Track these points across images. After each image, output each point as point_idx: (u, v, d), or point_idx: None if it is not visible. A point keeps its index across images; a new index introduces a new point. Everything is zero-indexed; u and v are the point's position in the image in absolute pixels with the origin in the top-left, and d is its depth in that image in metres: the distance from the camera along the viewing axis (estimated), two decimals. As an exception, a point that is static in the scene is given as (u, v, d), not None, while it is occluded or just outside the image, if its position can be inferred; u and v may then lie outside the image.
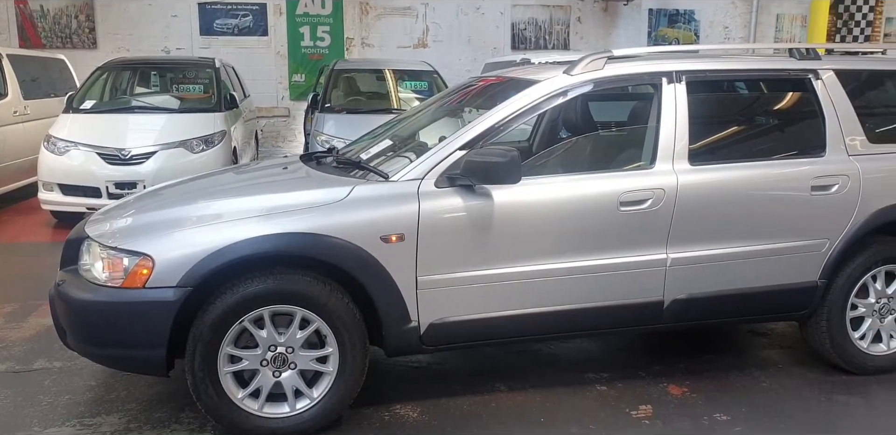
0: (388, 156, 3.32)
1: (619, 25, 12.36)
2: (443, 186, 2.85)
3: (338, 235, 2.71)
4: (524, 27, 11.98)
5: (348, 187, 2.84)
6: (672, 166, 3.04)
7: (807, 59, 3.34)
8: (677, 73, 3.13)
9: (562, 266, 2.94)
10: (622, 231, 2.99)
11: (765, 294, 3.19)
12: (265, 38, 11.19)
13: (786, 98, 3.44)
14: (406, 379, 3.41)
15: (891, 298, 3.37)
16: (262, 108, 11.01)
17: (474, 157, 2.79)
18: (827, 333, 3.31)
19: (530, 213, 2.91)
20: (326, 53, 11.25)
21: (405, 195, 2.82)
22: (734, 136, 3.39)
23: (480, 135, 2.93)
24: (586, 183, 2.98)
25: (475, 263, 2.86)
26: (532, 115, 3.06)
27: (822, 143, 3.23)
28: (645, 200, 2.98)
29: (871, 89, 3.47)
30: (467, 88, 3.81)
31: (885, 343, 3.39)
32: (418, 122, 3.75)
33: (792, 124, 3.44)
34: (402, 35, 11.54)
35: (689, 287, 3.10)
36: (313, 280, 2.75)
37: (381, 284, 2.78)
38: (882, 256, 3.29)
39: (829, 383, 3.34)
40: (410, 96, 8.40)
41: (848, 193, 3.19)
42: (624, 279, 3.02)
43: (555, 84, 3.03)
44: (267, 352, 2.74)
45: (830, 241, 3.21)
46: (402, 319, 2.84)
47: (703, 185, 3.05)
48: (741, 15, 12.89)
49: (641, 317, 3.11)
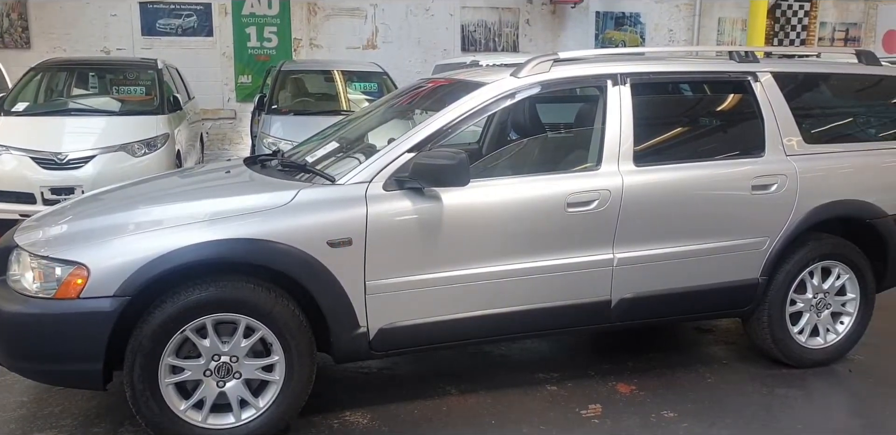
0: (335, 158, 3.28)
1: (567, 28, 12.52)
2: (391, 189, 2.82)
3: (283, 240, 2.66)
4: (474, 29, 12.02)
5: (293, 191, 2.79)
6: (617, 167, 3.08)
7: (746, 61, 3.43)
8: (622, 75, 3.17)
9: (511, 268, 2.94)
10: (570, 232, 3.01)
11: (709, 292, 3.26)
12: (210, 39, 10.95)
13: (726, 100, 3.51)
14: (355, 385, 3.36)
15: (826, 293, 3.48)
16: (208, 110, 10.78)
17: (423, 160, 2.77)
18: (768, 329, 3.40)
19: (479, 216, 2.90)
20: (273, 54, 11.08)
21: (352, 199, 2.78)
22: (677, 137, 3.45)
23: (429, 137, 2.91)
24: (534, 184, 2.99)
25: (425, 266, 2.84)
26: (480, 117, 3.06)
27: (762, 144, 3.31)
28: (591, 201, 3.01)
29: (806, 91, 3.58)
30: (416, 90, 3.79)
31: (822, 337, 3.50)
32: (366, 125, 3.72)
33: (732, 125, 3.53)
34: (351, 36, 11.44)
35: (636, 286, 3.14)
36: (258, 287, 2.68)
37: (329, 289, 2.73)
38: (818, 252, 3.39)
39: (770, 377, 3.42)
40: (360, 98, 8.33)
41: (786, 192, 3.28)
42: (572, 279, 3.04)
43: (502, 86, 3.04)
44: (210, 362, 2.66)
45: (770, 239, 3.30)
46: (351, 325, 2.79)
47: (647, 186, 3.09)
48: (685, 18, 13.19)
49: (590, 317, 3.14)
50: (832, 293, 3.49)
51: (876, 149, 3.55)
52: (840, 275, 3.47)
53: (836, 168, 3.40)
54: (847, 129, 3.65)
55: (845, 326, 3.52)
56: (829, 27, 14.21)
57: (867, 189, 3.44)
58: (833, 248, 3.41)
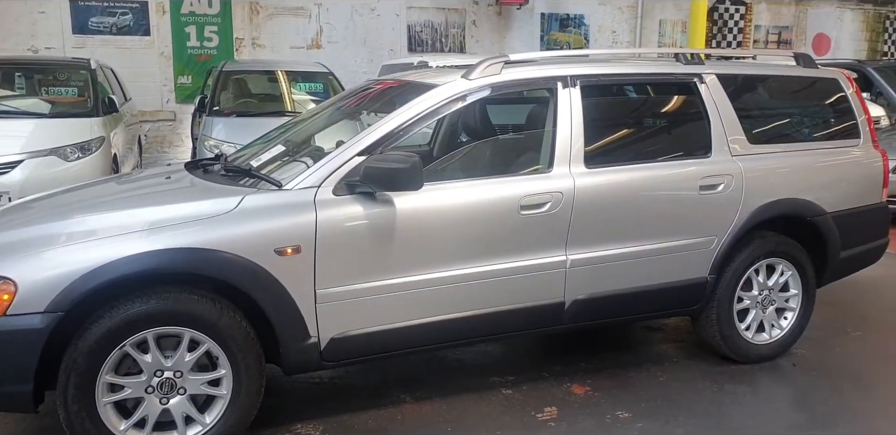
0: (281, 162, 3.17)
1: (513, 29, 12.59)
2: (341, 194, 2.75)
3: (227, 249, 2.55)
4: (420, 29, 11.97)
5: (238, 197, 2.69)
6: (569, 169, 3.07)
7: (692, 63, 3.47)
8: (572, 77, 3.16)
9: (465, 272, 2.90)
10: (523, 234, 2.98)
11: (660, 291, 3.28)
12: (147, 38, 10.61)
13: (674, 101, 3.55)
14: (307, 396, 3.27)
15: (771, 290, 3.55)
16: (146, 112, 10.46)
17: (374, 163, 2.70)
18: (717, 326, 3.45)
19: (433, 220, 2.85)
20: (214, 54, 10.81)
21: (301, 204, 2.69)
22: (627, 138, 3.47)
23: (379, 140, 2.84)
24: (488, 187, 2.96)
25: (377, 273, 2.77)
26: (432, 119, 3.01)
27: (708, 145, 3.36)
28: (544, 204, 2.99)
29: (749, 93, 3.65)
30: (364, 92, 3.71)
31: (767, 332, 3.58)
32: (313, 127, 3.62)
33: (680, 127, 3.57)
34: (295, 36, 11.26)
35: (589, 287, 3.14)
36: (202, 298, 2.57)
37: (277, 299, 2.64)
38: (763, 250, 3.46)
39: (719, 374, 3.48)
40: (305, 98, 8.20)
41: (732, 192, 3.33)
42: (526, 282, 3.02)
43: (453, 88, 2.99)
44: (152, 378, 2.54)
45: (718, 238, 3.35)
46: (301, 336, 2.71)
47: (598, 188, 3.09)
48: (627, 20, 13.42)
49: (544, 319, 3.12)
50: (776, 290, 3.56)
51: (813, 149, 3.64)
52: (784, 272, 3.55)
53: (778, 168, 3.48)
54: (786, 129, 3.74)
55: (789, 321, 3.60)
56: (763, 30, 14.68)
57: (807, 188, 3.53)
58: (777, 245, 3.49)
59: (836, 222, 3.57)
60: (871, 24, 15.28)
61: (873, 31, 15.31)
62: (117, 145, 7.10)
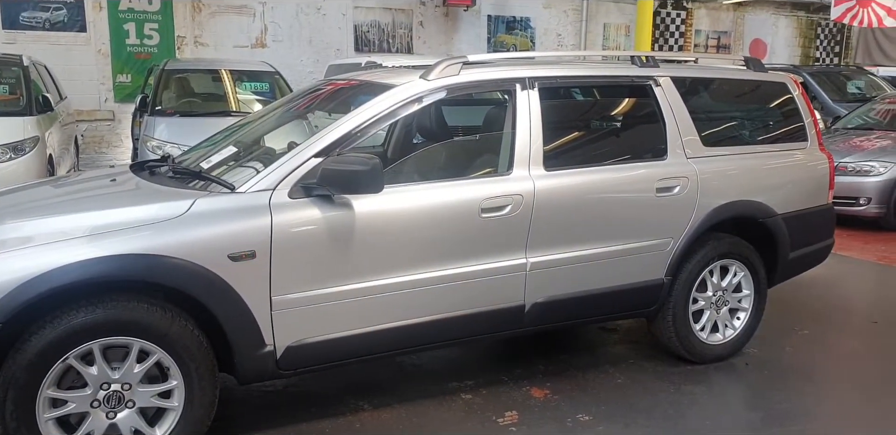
0: (233, 164, 3.06)
1: (459, 30, 12.63)
2: (297, 197, 2.66)
3: (178, 254, 2.44)
4: (367, 29, 11.89)
5: (189, 201, 2.57)
6: (528, 172, 3.05)
7: (647, 66, 3.50)
8: (530, 79, 3.14)
9: (426, 276, 2.84)
10: (484, 238, 2.95)
11: (618, 293, 3.29)
12: (84, 35, 10.24)
13: (630, 104, 3.57)
14: (262, 405, 3.16)
15: (725, 291, 3.61)
16: (83, 112, 10.11)
17: (332, 166, 2.62)
18: (673, 327, 3.48)
19: (393, 223, 2.79)
20: (155, 52, 10.52)
21: (255, 208, 2.59)
22: (585, 140, 3.48)
23: (337, 141, 2.76)
24: (448, 190, 2.91)
25: (335, 278, 2.69)
26: (390, 120, 2.94)
27: (664, 147, 3.39)
28: (504, 206, 2.96)
29: (702, 96, 3.70)
30: (317, 92, 3.62)
31: (721, 332, 3.63)
32: (265, 128, 3.51)
33: (637, 129, 3.60)
34: (239, 34, 11.04)
35: (548, 290, 3.12)
36: (151, 307, 2.45)
37: (231, 306, 2.53)
38: (717, 251, 3.51)
39: (675, 374, 3.51)
40: (251, 98, 8.04)
41: (688, 194, 3.37)
42: (487, 286, 2.98)
43: (412, 89, 2.94)
44: (98, 391, 2.40)
45: (674, 239, 3.38)
46: (256, 344, 2.61)
47: (558, 190, 3.08)
48: (572, 23, 13.63)
49: (504, 322, 3.09)
50: (730, 290, 3.62)
51: (763, 151, 3.72)
52: (737, 272, 3.61)
53: (731, 170, 3.53)
54: (737, 132, 3.81)
55: (742, 321, 3.67)
56: (703, 35, 15.11)
57: (758, 190, 3.60)
58: (730, 247, 3.54)
59: (786, 224, 3.65)
60: (804, 31, 15.91)
61: (806, 37, 15.93)
62: (53, 146, 6.83)
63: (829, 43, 16.20)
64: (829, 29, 16.03)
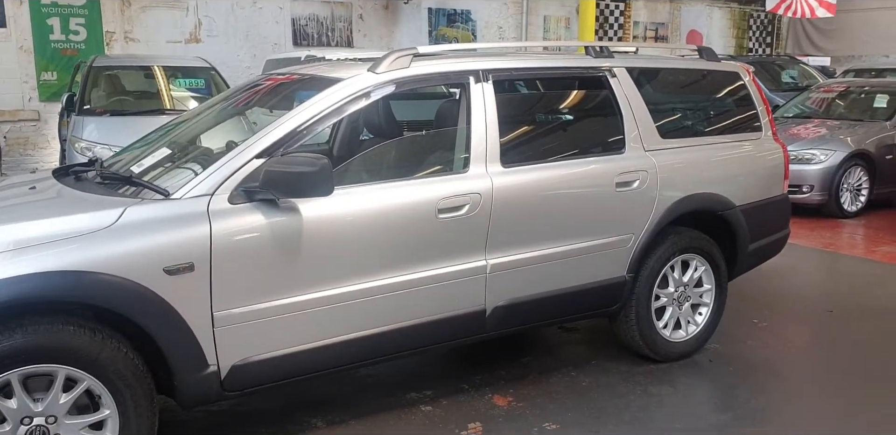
0: (167, 168, 2.80)
1: (400, 23, 12.42)
2: (239, 202, 2.44)
3: (107, 270, 2.20)
4: (305, 23, 11.57)
5: (118, 210, 2.32)
6: (486, 169, 2.89)
7: (602, 57, 3.38)
8: (484, 71, 2.98)
9: (380, 283, 2.66)
10: (442, 240, 2.78)
11: (580, 293, 3.18)
12: (4, 31, 9.64)
13: (586, 96, 3.46)
14: (207, 427, 2.93)
15: (686, 286, 3.54)
16: (5, 112, 9.54)
17: (276, 167, 2.41)
18: (636, 326, 3.39)
19: (344, 228, 2.59)
20: (82, 49, 9.98)
21: (192, 215, 2.36)
22: (543, 135, 3.33)
23: (280, 140, 2.55)
24: (402, 190, 2.73)
25: (283, 290, 2.49)
26: (337, 117, 2.73)
27: (622, 140, 3.28)
28: (462, 206, 2.80)
29: (657, 86, 3.61)
30: (256, 87, 3.37)
31: (684, 329, 3.56)
32: (201, 127, 3.25)
33: (594, 122, 3.47)
34: (172, 29, 10.57)
35: (510, 293, 2.98)
36: (78, 329, 2.20)
37: (168, 325, 2.30)
38: (678, 246, 3.43)
39: (640, 375, 3.42)
40: (186, 95, 7.69)
41: (647, 188, 3.27)
42: (446, 291, 2.82)
43: (360, 83, 2.74)
44: (19, 426, 2.14)
45: (635, 235, 3.28)
46: (198, 365, 2.38)
47: (516, 188, 2.93)
48: (513, 16, 13.57)
49: (465, 328, 2.94)
50: (691, 286, 3.55)
51: (719, 142, 3.66)
52: (697, 267, 3.54)
53: (689, 162, 3.45)
54: (693, 123, 3.74)
55: (703, 316, 3.60)
56: (642, 26, 15.26)
57: (716, 182, 3.53)
58: (691, 241, 3.47)
59: (745, 215, 3.60)
60: (737, 22, 16.24)
61: (739, 28, 16.28)
62: (-31, 149, 6.35)
63: (762, 34, 16.59)
64: (760, 20, 16.41)
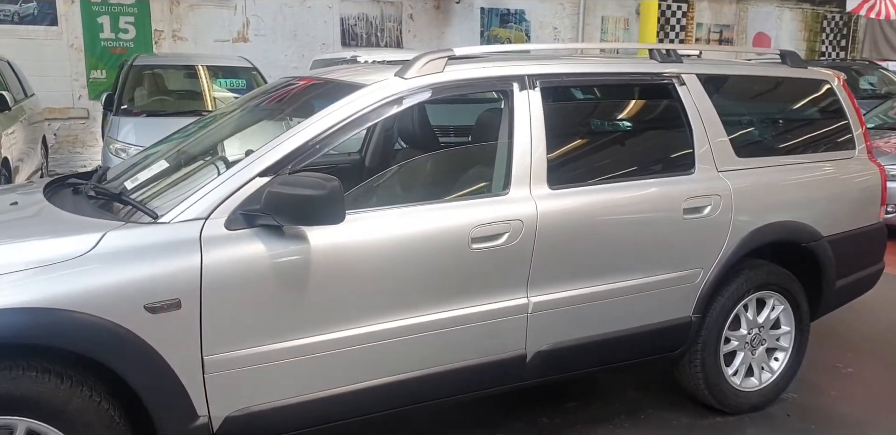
0: (163, 183, 2.47)
1: (452, 24, 12.10)
2: (237, 228, 2.09)
3: (79, 307, 1.87)
4: (354, 23, 11.33)
5: (96, 234, 1.99)
6: (529, 191, 2.48)
7: (669, 61, 2.92)
8: (530, 77, 2.57)
9: (402, 324, 2.28)
10: (475, 274, 2.38)
11: (637, 336, 2.74)
12: (55, 29, 9.67)
13: (651, 107, 3.00)
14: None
15: (761, 328, 3.05)
16: (55, 109, 9.52)
17: (280, 189, 2.05)
18: (701, 373, 2.93)
19: (360, 260, 2.22)
20: (131, 47, 9.96)
21: (181, 243, 2.02)
22: (597, 152, 2.90)
23: (289, 156, 2.19)
24: (430, 215, 2.34)
25: (287, 331, 2.13)
26: (357, 129, 2.35)
27: (691, 158, 2.82)
28: (500, 235, 2.39)
29: (733, 96, 3.14)
30: (281, 90, 3.03)
31: (757, 376, 3.07)
32: (216, 135, 2.92)
33: (659, 137, 3.01)
34: (220, 28, 10.47)
35: (554, 336, 2.56)
36: (42, 374, 1.88)
37: (149, 371, 1.97)
38: (754, 282, 2.95)
39: (704, 429, 2.95)
40: (227, 96, 7.48)
41: (720, 215, 2.80)
42: (478, 333, 2.42)
43: (385, 90, 2.36)
44: (-32, 491, 1.84)
45: (704, 270, 2.82)
46: (185, 416, 2.04)
47: (565, 213, 2.51)
48: (569, 16, 13.14)
49: (501, 376, 2.53)
50: (767, 327, 3.06)
51: (805, 162, 3.16)
52: (775, 306, 3.05)
53: (770, 185, 2.97)
54: (775, 139, 3.24)
55: (780, 362, 3.11)
56: (705, 28, 14.62)
57: (800, 208, 3.03)
58: (769, 276, 2.98)
59: (833, 247, 3.09)
60: (809, 24, 15.37)
61: (811, 30, 15.40)
62: (9, 148, 6.25)
63: (836, 37, 15.67)
64: (835, 22, 15.50)
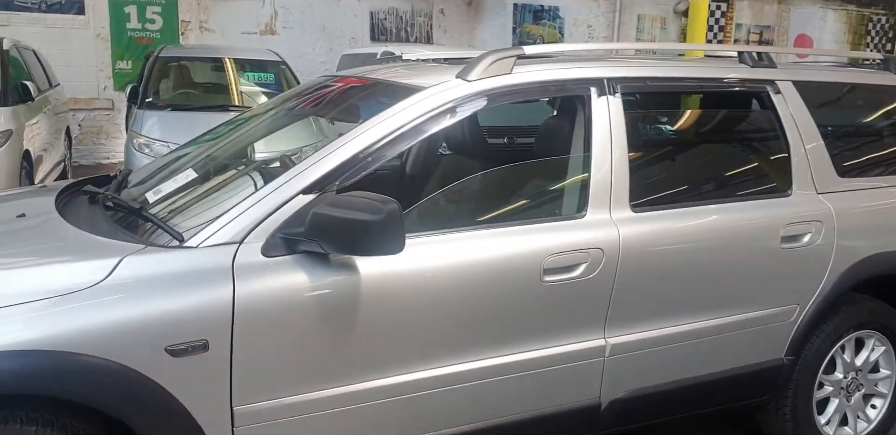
0: (188, 197, 2.15)
1: (483, 20, 11.77)
2: (276, 254, 1.77)
3: (87, 349, 1.57)
4: (384, 17, 11.04)
5: (110, 260, 1.69)
6: (609, 214, 2.14)
7: (761, 66, 2.56)
8: (610, 81, 2.22)
9: (461, 369, 1.95)
10: (546, 312, 2.04)
11: (723, 381, 2.39)
12: (82, 18, 9.51)
13: (742, 118, 2.65)
14: None
15: (859, 371, 2.69)
16: (80, 100, 9.35)
17: (328, 210, 1.73)
18: (791, 421, 2.57)
19: (417, 294, 1.89)
20: (158, 38, 9.78)
21: (210, 272, 1.71)
22: (684, 169, 2.54)
23: (336, 170, 1.87)
24: (496, 242, 2.00)
25: (332, 376, 1.81)
26: (414, 139, 2.02)
27: (788, 179, 2.46)
28: (577, 266, 2.05)
29: (835, 108, 2.77)
30: (317, 92, 2.70)
31: (852, 426, 2.71)
32: (246, 141, 2.60)
33: (751, 153, 2.64)
34: (247, 20, 10.23)
35: (633, 382, 2.22)
36: (44, 429, 1.58)
37: (170, 425, 1.66)
38: (854, 320, 2.58)
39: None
40: (255, 90, 7.20)
41: (822, 244, 2.44)
42: (548, 380, 2.08)
43: (447, 93, 2.03)
44: None
45: (801, 306, 2.46)
46: (209, 477, 1.74)
47: (651, 240, 2.17)
48: (604, 14, 12.78)
49: (571, 427, 2.19)
50: (865, 371, 2.70)
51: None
52: (875, 347, 2.68)
53: (877, 209, 2.60)
54: (881, 156, 2.85)
55: (878, 410, 2.73)
56: (745, 29, 14.17)
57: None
58: (870, 314, 2.62)
59: (947, 282, 2.72)
60: (853, 26, 14.80)
61: (856, 33, 14.83)
62: (31, 140, 6.03)
63: (881, 39, 15.08)
64: (880, 24, 14.93)
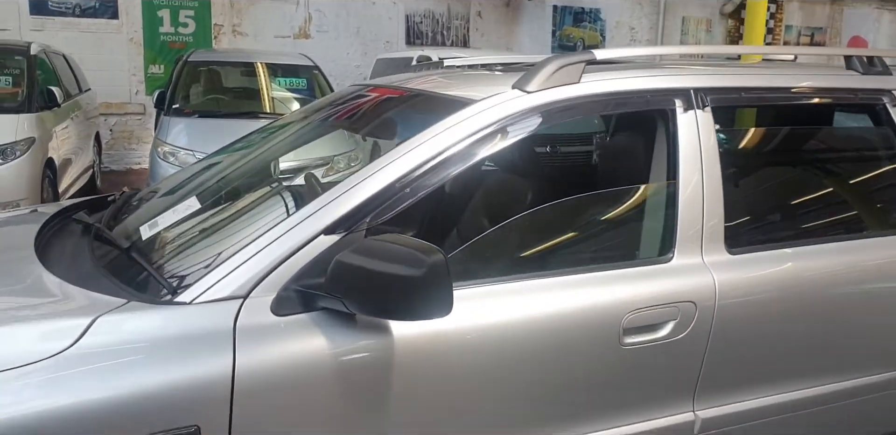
0: (188, 235, 1.78)
1: (522, 23, 11.44)
2: (288, 312, 1.40)
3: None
4: (420, 20, 10.76)
5: (80, 322, 1.33)
6: (702, 257, 1.73)
7: (874, 73, 2.12)
8: (698, 91, 1.81)
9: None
10: (625, 381, 1.64)
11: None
12: (115, 22, 9.46)
13: (853, 136, 2.21)
14: None
15: None
16: (112, 104, 9.23)
17: (355, 259, 1.34)
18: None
19: (464, 362, 1.50)
20: (190, 42, 9.70)
21: (205, 338, 1.34)
22: (790, 200, 2.11)
23: (366, 204, 1.48)
24: (564, 295, 1.60)
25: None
26: (461, 165, 1.61)
27: (916, 210, 2.03)
28: (664, 324, 1.65)
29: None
30: (349, 104, 2.31)
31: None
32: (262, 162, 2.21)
33: (867, 178, 2.21)
34: (281, 23, 10.07)
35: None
36: None
37: None
38: None
39: None
40: (287, 96, 6.95)
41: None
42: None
43: (502, 108, 1.63)
44: None
45: (931, 367, 2.02)
46: None
47: (754, 289, 1.75)
48: (647, 16, 12.40)
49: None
50: None
51: None
52: None
53: None
54: None
55: None
56: (795, 31, 13.65)
57: None
58: None
59: None
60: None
61: (914, 35, 14.13)
62: (56, 147, 5.86)
63: (940, 42, 14.34)
64: (940, 25, 14.19)
